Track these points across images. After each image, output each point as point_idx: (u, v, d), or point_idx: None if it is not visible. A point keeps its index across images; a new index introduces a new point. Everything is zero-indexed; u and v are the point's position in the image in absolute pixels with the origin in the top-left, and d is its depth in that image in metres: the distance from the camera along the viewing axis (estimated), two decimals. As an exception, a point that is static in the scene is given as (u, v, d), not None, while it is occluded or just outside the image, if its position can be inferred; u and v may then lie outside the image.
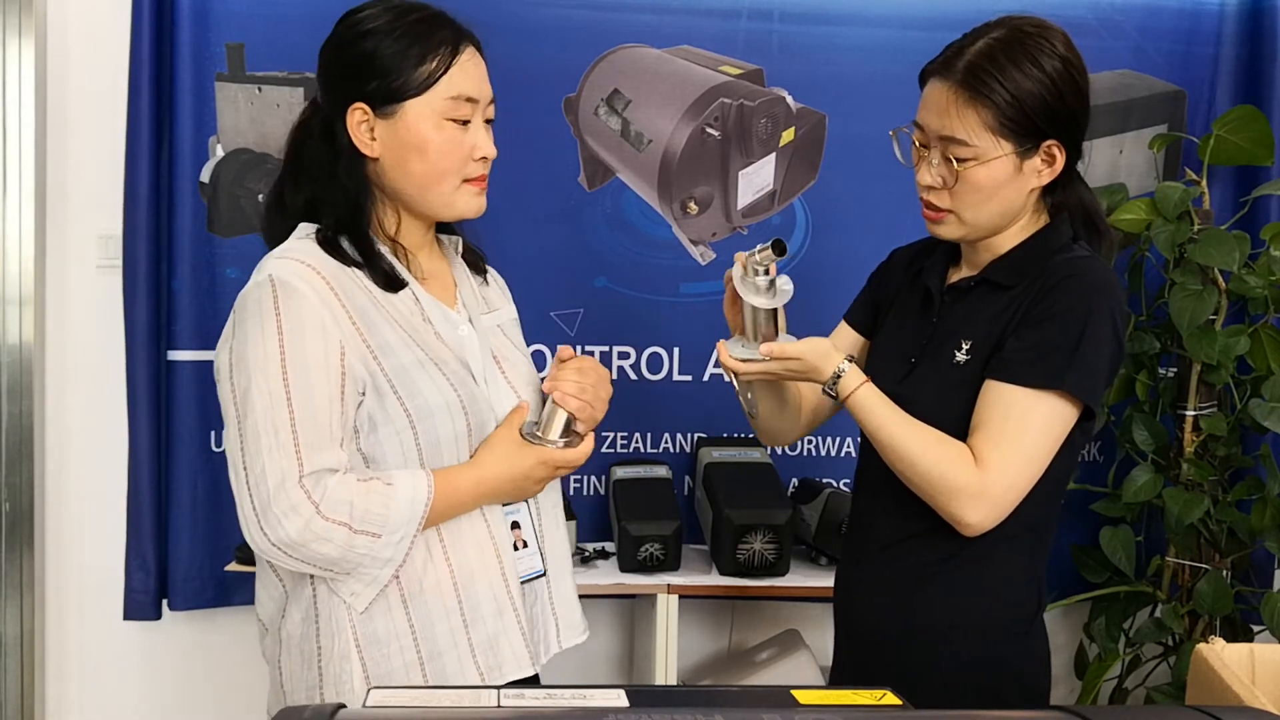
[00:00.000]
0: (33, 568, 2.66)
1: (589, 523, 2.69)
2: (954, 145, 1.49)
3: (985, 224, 1.54)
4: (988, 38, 1.50)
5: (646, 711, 0.86)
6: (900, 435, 1.49)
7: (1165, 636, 2.65)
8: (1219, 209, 2.74)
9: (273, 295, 1.41)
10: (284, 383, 1.39)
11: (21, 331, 2.63)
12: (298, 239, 1.50)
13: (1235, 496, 2.59)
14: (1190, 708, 0.88)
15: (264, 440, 1.38)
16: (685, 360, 2.75)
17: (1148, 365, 2.66)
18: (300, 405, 1.39)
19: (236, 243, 2.61)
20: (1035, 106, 1.47)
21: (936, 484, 1.48)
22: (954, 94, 1.48)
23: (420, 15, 1.49)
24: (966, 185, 1.49)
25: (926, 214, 1.56)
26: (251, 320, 1.42)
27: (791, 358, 1.52)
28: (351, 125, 1.48)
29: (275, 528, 1.37)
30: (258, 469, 1.38)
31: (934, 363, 1.57)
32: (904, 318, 1.66)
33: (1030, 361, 1.47)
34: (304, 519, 1.37)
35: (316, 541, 1.38)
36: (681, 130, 2.67)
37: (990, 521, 1.48)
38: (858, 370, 1.52)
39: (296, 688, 1.49)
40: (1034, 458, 1.48)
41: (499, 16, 2.64)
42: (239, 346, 1.43)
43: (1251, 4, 2.79)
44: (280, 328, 1.40)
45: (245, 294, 1.45)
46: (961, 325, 1.56)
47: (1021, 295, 1.52)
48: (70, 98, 2.64)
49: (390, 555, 1.42)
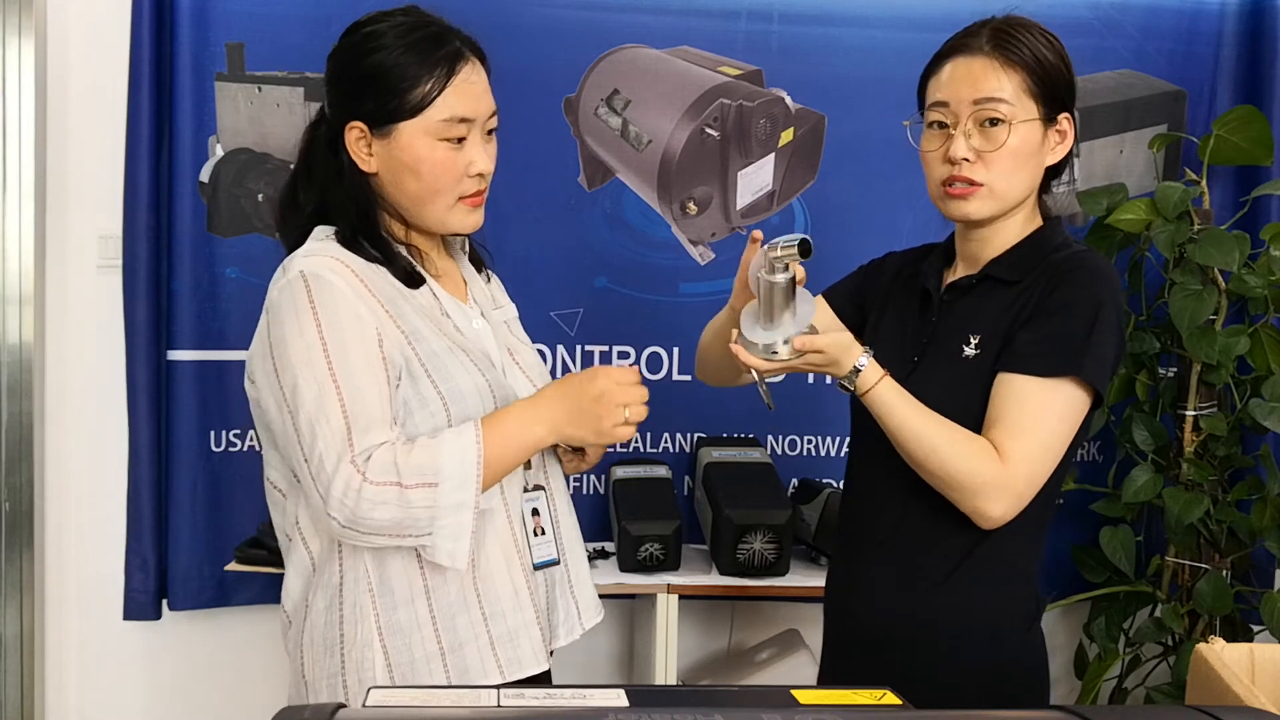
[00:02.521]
0: (33, 568, 2.67)
1: (589, 522, 2.69)
2: (994, 106, 1.50)
3: (1014, 197, 1.54)
4: (994, 22, 1.55)
5: (646, 711, 0.86)
6: (922, 430, 1.48)
7: (1165, 636, 2.65)
8: (1219, 209, 2.74)
9: (306, 290, 1.43)
10: (329, 371, 1.41)
11: (21, 331, 2.64)
12: (318, 240, 1.52)
13: (1235, 496, 2.60)
14: (1190, 708, 0.88)
15: (318, 429, 1.40)
16: (685, 360, 2.75)
17: (1148, 365, 2.66)
18: (348, 390, 1.41)
19: (236, 243, 2.61)
20: (1055, 75, 1.53)
21: (961, 478, 1.47)
22: (988, 60, 1.51)
23: (422, 34, 1.50)
24: (1005, 151, 1.51)
25: (955, 192, 1.54)
26: (288, 318, 1.43)
27: (817, 350, 1.50)
28: (349, 142, 1.51)
29: (339, 509, 1.39)
30: (316, 458, 1.40)
31: (940, 359, 1.57)
32: (903, 320, 1.66)
33: (1044, 353, 1.48)
34: (355, 491, 1.38)
35: (372, 508, 1.39)
36: (681, 130, 2.67)
37: (1012, 513, 1.49)
38: (876, 365, 1.50)
39: (318, 676, 1.50)
40: (1053, 446, 1.49)
41: (499, 16, 2.64)
42: (279, 347, 1.44)
43: (1251, 4, 2.79)
44: (318, 320, 1.42)
45: (277, 294, 1.46)
46: (967, 321, 1.56)
47: (1028, 289, 1.53)
48: (70, 98, 2.64)
49: (460, 499, 1.42)
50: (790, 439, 2.80)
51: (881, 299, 1.71)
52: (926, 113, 1.57)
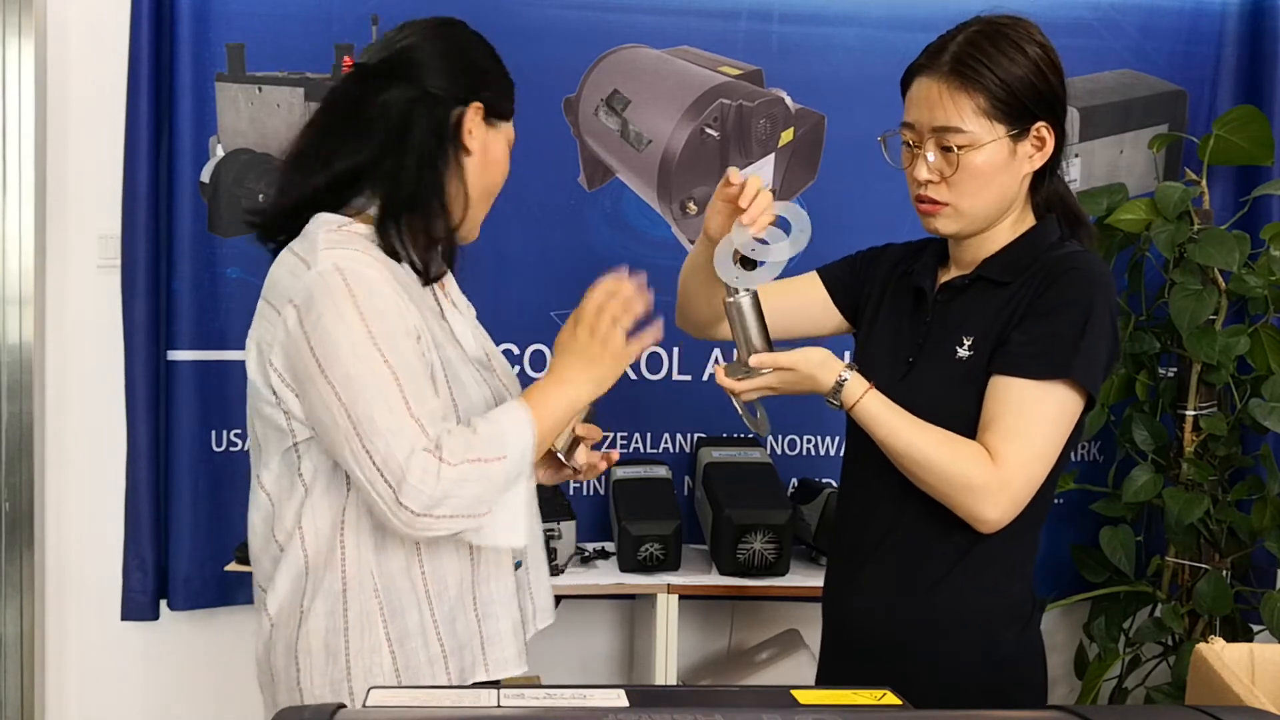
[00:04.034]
0: (32, 568, 2.67)
1: (589, 523, 2.69)
2: (949, 134, 1.50)
3: (982, 214, 1.54)
4: (967, 32, 1.53)
5: (646, 711, 0.86)
6: (912, 439, 1.49)
7: (1165, 636, 2.65)
8: (1219, 209, 2.74)
9: (343, 280, 1.40)
10: (383, 360, 1.39)
11: (21, 331, 2.64)
12: (330, 230, 1.47)
13: (1235, 496, 2.60)
14: (1190, 708, 0.88)
15: (380, 420, 1.38)
16: (685, 360, 2.75)
17: (1148, 365, 2.66)
18: (406, 380, 1.40)
19: (236, 243, 2.61)
20: (1023, 89, 1.50)
21: (954, 483, 1.47)
22: (944, 84, 1.50)
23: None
24: (964, 173, 1.50)
25: (923, 209, 1.56)
26: (327, 311, 1.40)
27: (785, 367, 1.51)
28: (469, 118, 1.52)
29: (416, 496, 1.37)
30: (382, 448, 1.37)
31: (934, 360, 1.57)
32: (897, 320, 1.65)
33: (1037, 354, 1.48)
34: (434, 475, 1.37)
35: (457, 486, 1.38)
36: (681, 130, 2.67)
37: (1009, 516, 1.49)
38: (860, 378, 1.51)
39: (318, 683, 1.48)
40: (1046, 449, 1.49)
41: (499, 16, 2.63)
42: (321, 341, 1.40)
43: (1252, 4, 2.79)
44: (360, 309, 1.40)
45: (309, 289, 1.41)
46: (961, 322, 1.56)
47: (1020, 290, 1.53)
48: (70, 98, 2.64)
49: (519, 470, 1.44)
50: (790, 439, 2.80)
51: (877, 294, 1.71)
52: (900, 128, 1.58)
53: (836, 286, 1.74)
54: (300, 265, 1.44)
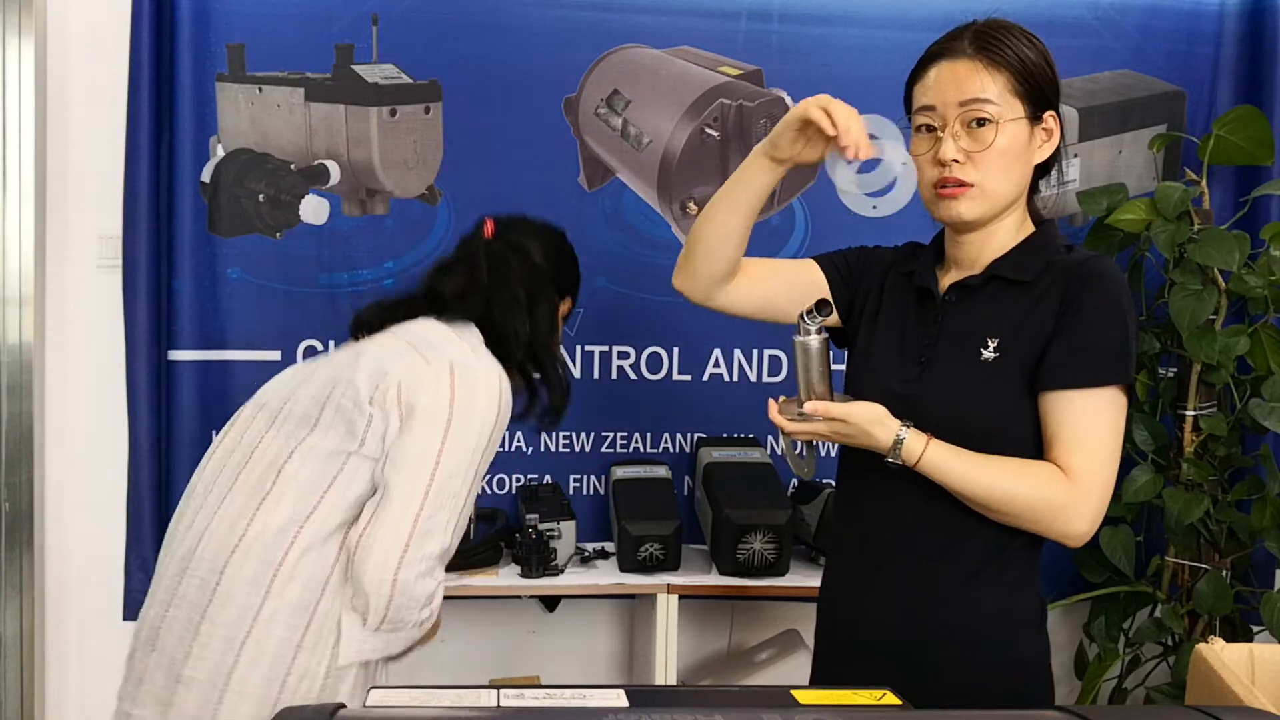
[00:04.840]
0: (32, 568, 2.67)
1: (589, 523, 2.69)
2: (979, 106, 1.50)
3: (1004, 198, 1.54)
4: (976, 25, 1.55)
5: (646, 711, 0.86)
6: (991, 480, 1.49)
7: (1165, 636, 2.65)
8: (1219, 209, 2.74)
9: (499, 396, 1.66)
10: (475, 474, 1.63)
11: (21, 331, 2.63)
12: (475, 343, 1.73)
13: (1235, 496, 2.59)
14: (1190, 708, 0.88)
15: (444, 515, 1.59)
16: (685, 360, 2.75)
17: (1148, 365, 2.65)
18: (468, 498, 1.63)
19: (237, 243, 2.61)
20: (1038, 74, 1.53)
21: (1038, 509, 1.49)
22: (972, 63, 1.52)
23: None
24: (993, 151, 1.51)
25: (946, 193, 1.54)
26: (484, 404, 1.63)
27: (837, 418, 1.50)
28: (564, 307, 1.94)
29: (402, 588, 1.56)
30: (422, 530, 1.57)
31: (953, 361, 1.55)
32: (901, 321, 1.64)
33: (1085, 365, 1.49)
34: (428, 592, 1.60)
35: (423, 593, 1.59)
36: (681, 130, 2.67)
37: (1095, 527, 1.51)
38: (918, 432, 1.50)
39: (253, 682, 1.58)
40: (1113, 452, 1.51)
41: (499, 16, 2.64)
42: (466, 416, 1.61)
43: (1251, 4, 2.79)
44: (493, 426, 1.64)
45: (474, 375, 1.65)
46: (981, 323, 1.55)
47: (1044, 294, 1.53)
48: (70, 98, 2.64)
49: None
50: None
51: (876, 293, 1.70)
52: (914, 117, 1.58)
53: (834, 277, 1.74)
54: (461, 346, 1.69)
